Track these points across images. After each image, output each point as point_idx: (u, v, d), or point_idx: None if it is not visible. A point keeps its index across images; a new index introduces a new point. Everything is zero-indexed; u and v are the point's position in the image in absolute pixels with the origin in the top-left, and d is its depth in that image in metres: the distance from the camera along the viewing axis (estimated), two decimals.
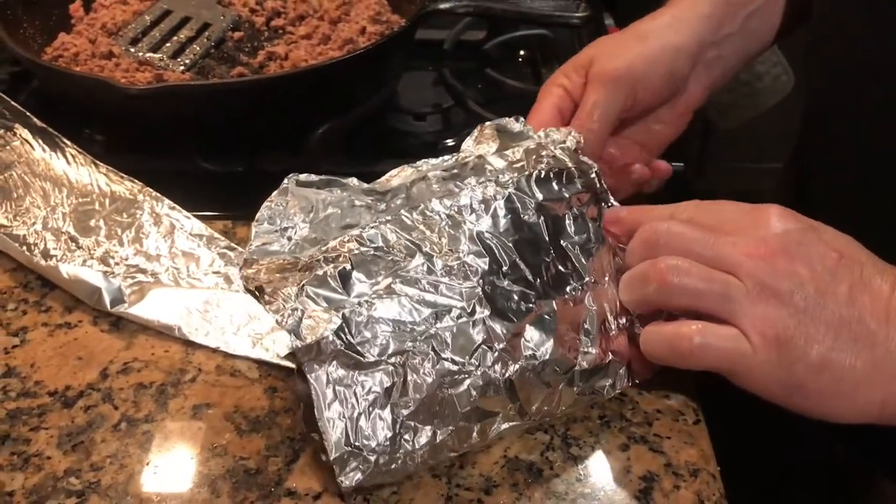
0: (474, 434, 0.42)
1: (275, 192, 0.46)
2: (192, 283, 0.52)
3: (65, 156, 0.58)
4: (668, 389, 0.43)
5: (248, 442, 0.44)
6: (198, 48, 0.74)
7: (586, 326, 0.44)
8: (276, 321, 0.40)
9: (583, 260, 0.45)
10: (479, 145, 0.51)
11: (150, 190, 0.56)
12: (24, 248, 0.54)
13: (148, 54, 0.72)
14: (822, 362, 0.38)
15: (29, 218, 0.56)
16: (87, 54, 0.71)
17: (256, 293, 0.41)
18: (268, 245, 0.43)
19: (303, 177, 0.46)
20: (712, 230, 0.42)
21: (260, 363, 0.49)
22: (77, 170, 0.57)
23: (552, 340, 0.42)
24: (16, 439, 0.44)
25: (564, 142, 0.49)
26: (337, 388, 0.39)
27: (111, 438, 0.44)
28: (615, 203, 0.48)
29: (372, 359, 0.39)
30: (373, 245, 0.42)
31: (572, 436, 0.45)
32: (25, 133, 0.59)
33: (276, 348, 0.49)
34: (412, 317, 0.40)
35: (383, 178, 0.49)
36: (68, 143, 0.58)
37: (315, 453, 0.43)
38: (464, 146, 0.51)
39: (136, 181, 0.57)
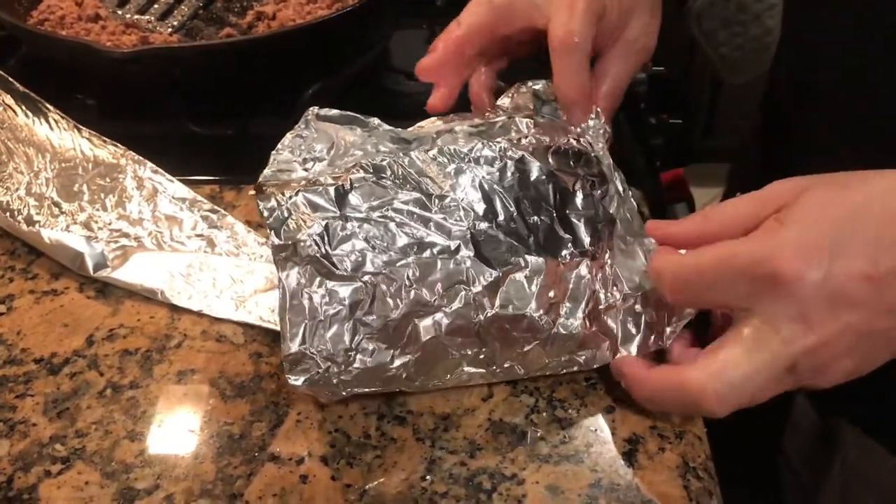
0: (435, 370, 0.42)
1: (297, 125, 0.46)
2: (175, 246, 0.52)
3: (48, 121, 0.57)
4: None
5: (233, 407, 0.44)
6: (186, 9, 0.72)
7: (573, 293, 0.43)
8: (264, 216, 0.40)
9: (584, 231, 0.44)
10: (514, 106, 0.50)
11: (133, 154, 0.56)
12: (8, 213, 0.53)
13: (135, 16, 0.71)
14: (852, 371, 0.38)
15: (12, 183, 0.55)
16: (73, 17, 0.70)
17: (255, 190, 0.42)
18: (285, 173, 0.44)
19: (323, 111, 0.47)
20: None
21: (245, 328, 0.48)
22: (60, 135, 0.56)
23: (533, 298, 0.42)
24: (1, 406, 0.44)
25: (595, 129, 0.48)
26: (305, 290, 0.40)
27: (96, 405, 0.44)
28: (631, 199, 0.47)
29: (344, 273, 0.40)
30: (377, 174, 0.42)
31: (558, 398, 0.44)
32: (8, 98, 0.58)
33: (259, 311, 0.48)
34: (394, 242, 0.41)
35: (413, 128, 0.49)
36: (51, 108, 0.57)
37: (299, 418, 0.43)
38: (499, 102, 0.51)
39: (119, 145, 0.56)
